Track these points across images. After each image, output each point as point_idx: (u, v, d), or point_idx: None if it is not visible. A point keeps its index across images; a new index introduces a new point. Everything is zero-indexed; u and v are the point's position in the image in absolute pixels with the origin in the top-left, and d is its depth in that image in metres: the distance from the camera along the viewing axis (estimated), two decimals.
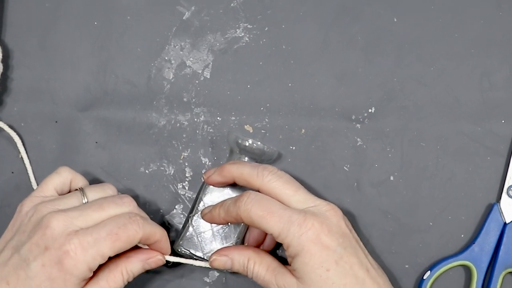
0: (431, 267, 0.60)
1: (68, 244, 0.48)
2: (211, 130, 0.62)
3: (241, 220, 0.53)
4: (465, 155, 0.62)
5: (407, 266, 0.61)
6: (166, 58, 0.63)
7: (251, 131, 0.62)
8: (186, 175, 0.62)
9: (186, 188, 0.62)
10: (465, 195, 0.61)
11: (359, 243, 0.53)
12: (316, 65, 0.62)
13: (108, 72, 0.62)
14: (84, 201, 0.53)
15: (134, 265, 0.53)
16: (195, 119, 0.62)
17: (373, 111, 0.62)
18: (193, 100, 0.62)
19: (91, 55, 0.63)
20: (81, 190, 0.54)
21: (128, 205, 0.53)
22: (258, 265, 0.53)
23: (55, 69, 0.63)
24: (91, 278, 0.51)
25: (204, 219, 0.56)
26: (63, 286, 0.48)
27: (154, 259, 0.54)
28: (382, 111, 0.62)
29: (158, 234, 0.53)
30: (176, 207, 0.62)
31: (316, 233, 0.50)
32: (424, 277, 0.60)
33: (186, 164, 0.62)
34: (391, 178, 0.62)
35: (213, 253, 0.55)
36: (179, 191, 0.62)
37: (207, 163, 0.62)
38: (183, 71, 0.63)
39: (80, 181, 0.56)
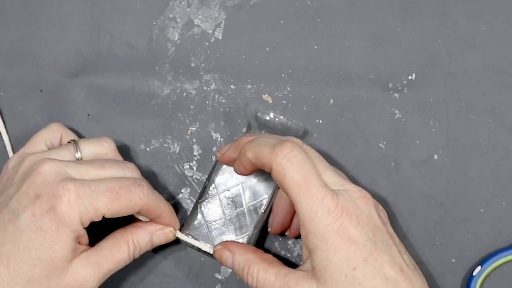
0: (482, 262, 0.57)
1: (61, 189, 0.47)
2: (223, 101, 0.59)
3: (269, 171, 0.49)
4: None
5: (453, 260, 0.58)
6: (170, 15, 0.60)
7: (270, 101, 0.59)
8: (194, 153, 0.59)
9: (194, 168, 0.59)
10: None
11: (394, 238, 0.50)
12: (346, 24, 0.60)
13: (102, 32, 0.60)
14: (77, 155, 0.52)
15: (141, 236, 0.52)
16: (205, 88, 0.60)
17: (413, 78, 0.59)
18: (202, 65, 0.60)
19: (82, 12, 0.60)
20: (74, 142, 0.53)
21: (132, 171, 0.52)
22: (264, 272, 0.50)
23: (39, 29, 0.60)
24: (92, 247, 0.50)
25: (220, 158, 0.54)
26: (56, 238, 0.47)
27: (163, 232, 0.53)
28: (424, 79, 0.59)
29: (163, 207, 0.52)
30: (183, 190, 0.59)
31: (344, 224, 0.47)
32: (474, 273, 0.57)
33: (194, 140, 0.60)
34: (435, 157, 0.59)
35: (220, 242, 0.53)
36: (185, 172, 0.59)
37: (218, 139, 0.59)
38: (191, 31, 0.60)
39: (71, 136, 0.55)
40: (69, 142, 0.53)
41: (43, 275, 0.47)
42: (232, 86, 0.59)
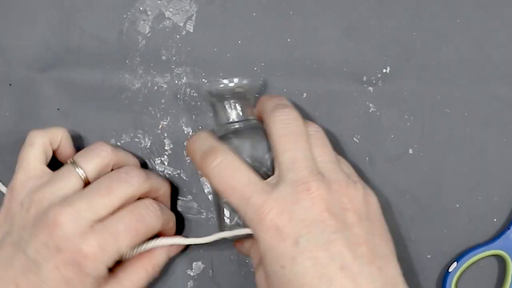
0: (457, 258, 0.57)
1: (85, 245, 0.47)
2: (195, 95, 0.59)
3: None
4: (498, 123, 0.58)
5: (429, 256, 0.58)
6: (141, 8, 0.60)
7: None
8: (166, 148, 0.59)
9: (166, 163, 0.59)
10: (498, 171, 0.58)
11: (345, 231, 0.46)
12: (320, 17, 0.59)
13: (71, 26, 0.59)
14: (81, 176, 0.51)
15: (159, 258, 0.53)
16: (176, 81, 0.59)
17: (388, 71, 0.59)
18: (174, 58, 0.59)
19: (51, 5, 0.60)
20: (73, 163, 0.52)
21: (138, 180, 0.51)
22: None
23: (8, 22, 0.60)
24: (110, 275, 0.50)
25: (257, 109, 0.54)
26: (81, 286, 0.48)
27: (176, 249, 0.55)
28: (399, 72, 0.59)
29: (172, 221, 0.54)
30: None
31: (274, 221, 0.46)
32: (450, 269, 0.57)
33: (165, 134, 0.59)
34: (410, 151, 0.58)
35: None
36: (157, 167, 0.59)
37: (190, 133, 0.59)
38: (162, 24, 0.60)
39: (57, 135, 0.54)
40: (68, 162, 0.52)
41: None
42: (204, 80, 0.58)
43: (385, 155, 0.58)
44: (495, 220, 0.57)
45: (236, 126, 0.53)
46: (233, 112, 0.54)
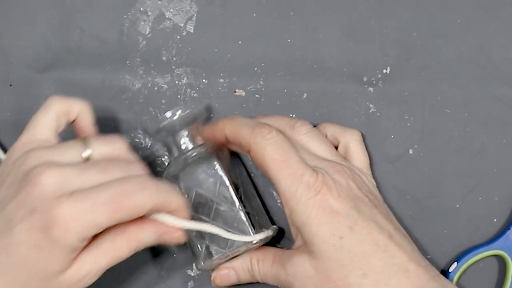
0: (458, 258, 0.57)
1: (57, 208, 0.43)
2: (195, 95, 0.59)
3: (246, 150, 0.50)
4: (498, 123, 0.58)
5: (429, 256, 0.57)
6: (141, 8, 0.59)
7: (243, 95, 0.58)
8: None
9: (166, 164, 0.59)
10: (498, 171, 0.58)
11: (379, 207, 0.51)
12: (320, 17, 0.59)
13: (72, 26, 0.59)
14: (84, 155, 0.48)
15: (146, 235, 0.47)
16: (176, 82, 0.59)
17: (388, 71, 0.59)
18: (174, 59, 0.59)
19: (51, 5, 0.59)
20: (84, 141, 0.48)
21: (138, 169, 0.48)
22: (262, 261, 0.52)
23: (8, 22, 0.59)
24: (92, 239, 0.47)
25: (204, 136, 0.54)
26: (51, 256, 0.44)
27: (170, 236, 0.48)
28: (399, 72, 0.59)
29: (174, 204, 0.47)
30: None
31: (325, 197, 0.48)
32: (450, 270, 0.56)
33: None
34: (410, 151, 0.58)
35: (214, 270, 0.54)
36: (157, 168, 0.59)
37: None
38: (162, 25, 0.59)
39: (76, 107, 0.51)
40: (80, 138, 0.50)
41: (40, 285, 0.45)
42: (204, 80, 0.58)
43: (385, 156, 0.58)
44: (495, 220, 0.57)
45: (194, 154, 0.53)
46: (187, 141, 0.54)
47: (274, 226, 0.54)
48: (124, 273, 0.56)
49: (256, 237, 0.52)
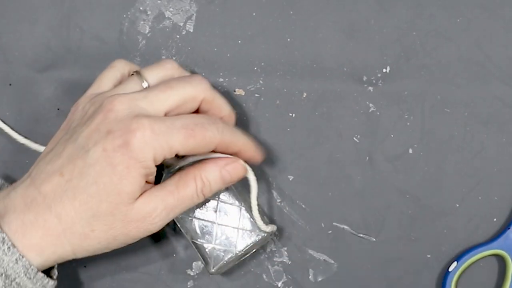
0: (457, 257, 0.56)
1: (136, 123, 0.45)
2: None
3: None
4: (498, 123, 0.58)
5: (429, 256, 0.57)
6: (141, 8, 0.59)
7: (242, 94, 0.58)
8: None
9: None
10: (498, 171, 0.58)
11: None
12: (320, 17, 0.59)
13: (71, 26, 0.59)
14: (144, 85, 0.50)
15: (209, 172, 0.49)
16: None
17: (388, 71, 0.58)
18: (174, 58, 0.59)
19: (51, 5, 0.59)
20: (138, 74, 0.51)
21: (200, 83, 0.50)
22: None
23: (8, 22, 0.59)
24: (156, 184, 0.49)
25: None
26: (126, 173, 0.45)
27: (233, 166, 0.50)
28: (399, 71, 0.58)
29: (241, 142, 0.50)
30: None
31: None
32: (450, 269, 0.56)
33: None
34: (410, 151, 0.58)
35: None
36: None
37: None
38: (162, 24, 0.59)
39: (136, 68, 0.53)
40: (132, 74, 0.52)
41: (108, 211, 0.46)
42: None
43: (385, 155, 0.57)
44: (495, 220, 0.57)
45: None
46: None
47: (273, 225, 0.54)
48: (124, 273, 0.56)
49: (266, 229, 0.52)
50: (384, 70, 0.58)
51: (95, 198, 0.46)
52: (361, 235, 0.56)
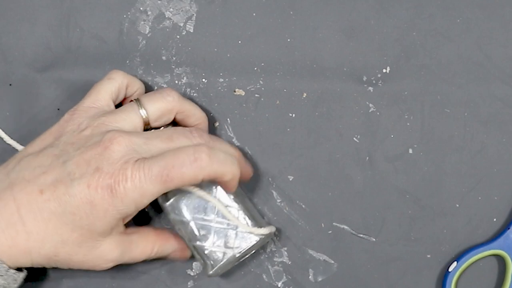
0: (457, 258, 0.56)
1: (121, 172, 0.46)
2: (195, 95, 0.58)
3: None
4: (498, 123, 0.58)
5: (429, 256, 0.57)
6: (141, 8, 0.59)
7: (242, 94, 0.58)
8: None
9: None
10: (498, 171, 0.57)
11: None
12: (320, 17, 0.59)
13: (71, 26, 0.59)
14: (142, 115, 0.51)
15: (166, 248, 0.53)
16: (176, 81, 0.58)
17: (388, 71, 0.58)
18: (174, 58, 0.59)
19: (51, 5, 0.59)
20: (137, 101, 0.52)
21: (199, 141, 0.50)
22: None
23: (8, 22, 0.59)
24: (126, 231, 0.51)
25: None
26: (102, 216, 0.47)
27: (180, 254, 0.54)
28: (399, 71, 0.58)
29: (229, 175, 0.49)
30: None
31: None
32: (450, 269, 0.56)
33: None
34: (410, 151, 0.58)
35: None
36: None
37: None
38: (162, 24, 0.59)
39: (136, 85, 0.54)
40: (132, 101, 0.52)
41: (77, 241, 0.47)
42: (204, 80, 0.58)
43: (385, 155, 0.57)
44: (495, 220, 0.57)
45: None
46: None
47: (272, 226, 0.53)
48: (124, 273, 0.56)
49: (265, 231, 0.52)
50: (384, 70, 0.58)
51: (68, 227, 0.47)
52: (361, 235, 0.56)
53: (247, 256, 0.54)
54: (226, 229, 0.52)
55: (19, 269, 0.48)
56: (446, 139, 0.57)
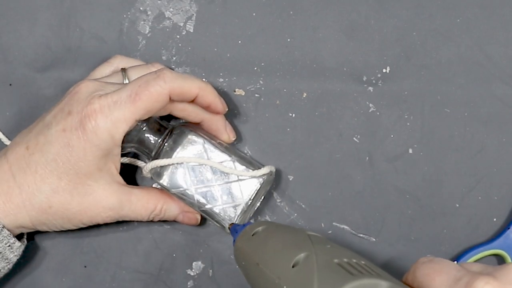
0: (458, 257, 0.56)
1: (88, 107, 0.48)
2: None
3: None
4: (498, 123, 0.58)
5: (429, 255, 0.55)
6: (141, 8, 0.59)
7: (242, 94, 0.58)
8: None
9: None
10: (498, 171, 0.58)
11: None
12: (320, 17, 0.58)
13: (71, 26, 0.58)
14: (125, 82, 0.53)
15: (171, 207, 0.54)
16: None
17: (388, 71, 0.58)
18: (174, 58, 0.58)
19: (51, 6, 0.59)
20: (123, 70, 0.53)
21: (157, 66, 0.53)
22: None
23: (8, 22, 0.59)
24: (126, 185, 0.52)
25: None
26: (82, 156, 0.48)
27: (192, 215, 0.54)
28: (399, 71, 0.58)
29: (195, 87, 0.50)
30: (154, 185, 0.57)
31: None
32: None
33: None
34: (410, 151, 0.58)
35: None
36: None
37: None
38: (162, 24, 0.59)
39: (133, 64, 0.55)
40: (119, 70, 0.54)
41: (67, 189, 0.49)
42: (204, 80, 0.57)
43: (385, 155, 0.57)
44: (495, 220, 0.57)
45: (169, 140, 0.53)
46: (152, 137, 0.53)
47: (270, 166, 0.54)
48: (124, 273, 0.56)
49: (265, 170, 0.52)
50: (384, 70, 0.58)
51: (54, 175, 0.49)
52: (361, 235, 0.56)
53: (260, 202, 0.55)
54: (228, 183, 0.52)
55: (20, 241, 0.50)
56: (446, 139, 0.57)
